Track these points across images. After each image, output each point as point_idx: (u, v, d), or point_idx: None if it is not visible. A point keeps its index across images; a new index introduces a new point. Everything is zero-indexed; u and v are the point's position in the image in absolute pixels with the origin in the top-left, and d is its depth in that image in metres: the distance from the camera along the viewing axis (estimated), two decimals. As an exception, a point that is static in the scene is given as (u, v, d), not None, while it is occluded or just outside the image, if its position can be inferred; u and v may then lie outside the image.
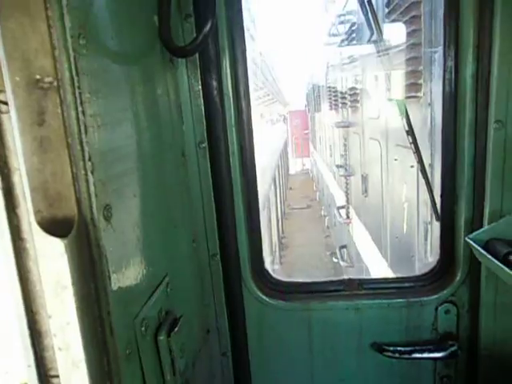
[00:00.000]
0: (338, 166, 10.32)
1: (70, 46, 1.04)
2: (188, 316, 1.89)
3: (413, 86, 3.71)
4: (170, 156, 1.93)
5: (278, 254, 14.14)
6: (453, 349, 2.19)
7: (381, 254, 5.84)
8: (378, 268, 5.95)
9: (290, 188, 28.05)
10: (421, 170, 2.48)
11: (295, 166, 37.36)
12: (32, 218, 1.03)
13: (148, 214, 1.55)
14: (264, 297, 2.33)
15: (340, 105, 9.39)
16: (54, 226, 1.05)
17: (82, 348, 1.08)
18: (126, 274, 1.31)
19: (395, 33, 4.23)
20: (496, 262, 1.68)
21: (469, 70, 1.91)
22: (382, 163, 5.40)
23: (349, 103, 8.03)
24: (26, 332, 1.11)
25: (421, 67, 3.36)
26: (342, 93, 8.86)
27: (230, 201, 2.16)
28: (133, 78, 1.53)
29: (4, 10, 0.95)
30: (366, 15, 2.54)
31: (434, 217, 3.22)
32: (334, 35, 9.39)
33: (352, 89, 7.46)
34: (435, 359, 2.25)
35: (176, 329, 1.55)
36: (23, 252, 1.08)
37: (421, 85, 3.42)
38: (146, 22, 1.65)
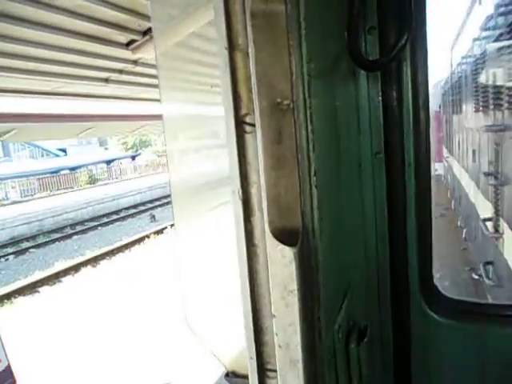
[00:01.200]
0: (487, 174, 9.31)
1: (305, 71, 1.13)
2: (368, 326, 1.90)
3: None
4: (346, 167, 1.95)
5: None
6: None
7: (548, 276, 5.09)
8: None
9: (420, 195, 26.27)
10: None
11: (425, 171, 34.84)
12: (266, 227, 1.14)
13: (335, 224, 1.59)
14: (432, 313, 2.21)
15: (492, 106, 8.45)
16: (284, 235, 1.14)
17: (300, 348, 1.16)
18: (329, 282, 1.37)
19: None
20: None
21: None
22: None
23: (506, 104, 7.17)
24: (251, 327, 1.22)
25: None
26: (495, 92, 7.96)
27: (402, 212, 2.11)
28: (327, 92, 1.58)
29: (257, 42, 1.06)
30: None
31: None
32: (489, 29, 8.49)
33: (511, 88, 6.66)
34: None
35: (366, 339, 1.56)
36: (254, 256, 1.20)
37: None
38: (337, 36, 1.69)
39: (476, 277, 10.61)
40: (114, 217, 32.47)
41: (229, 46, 1.10)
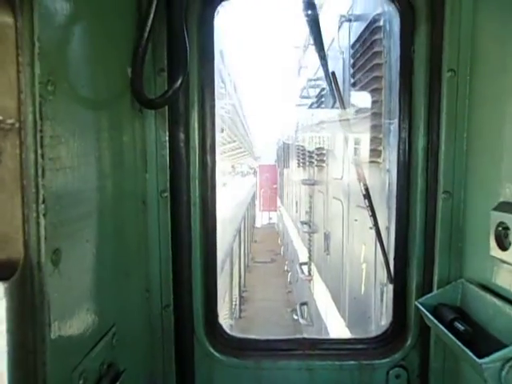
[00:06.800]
0: (303, 223, 10.47)
1: (37, 92, 1.07)
2: (133, 370, 1.82)
3: (375, 152, 3.92)
4: (130, 203, 1.94)
5: (237, 307, 13.83)
6: (404, 415, 2.18)
7: (339, 313, 5.83)
8: (336, 328, 5.91)
9: (256, 241, 28.01)
10: (376, 233, 2.58)
11: (262, 219, 37.60)
12: None
13: (100, 261, 1.53)
14: (216, 353, 2.27)
15: (307, 163, 9.71)
16: None
17: None
18: (69, 323, 1.26)
19: (360, 101, 4.53)
20: (441, 327, 1.73)
21: (420, 143, 2.07)
22: (344, 223, 5.56)
23: (315, 162, 8.32)
24: None
25: (381, 135, 3.59)
26: (309, 152, 9.20)
27: (187, 252, 2.16)
28: (100, 125, 1.56)
29: None
30: (329, 84, 2.75)
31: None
32: (305, 97, 9.91)
33: (319, 149, 7.78)
34: None
35: (117, 383, 1.48)
36: None
37: (381, 151, 3.63)
38: (119, 73, 1.72)
39: (296, 317, 11.51)
40: None
41: None
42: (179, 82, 1.75)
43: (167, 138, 2.08)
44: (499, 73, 1.70)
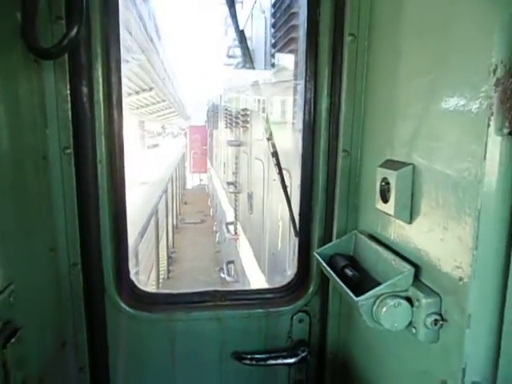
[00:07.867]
0: (229, 183, 10.61)
1: None
2: (38, 327, 1.80)
3: (294, 113, 4.04)
4: (30, 159, 1.85)
5: (165, 268, 13.89)
6: (303, 354, 2.40)
7: (260, 268, 6.11)
8: (257, 282, 6.21)
9: (186, 202, 27.86)
10: (283, 190, 2.72)
11: (193, 180, 37.32)
12: None
13: None
14: (128, 308, 2.30)
15: (234, 124, 9.72)
16: None
17: None
18: None
19: (282, 62, 4.59)
20: (333, 273, 1.90)
21: (324, 103, 2.18)
22: (264, 183, 5.74)
23: (241, 123, 8.36)
24: None
25: (296, 96, 3.71)
26: (235, 113, 9.20)
27: (94, 210, 2.13)
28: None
29: None
30: (239, 43, 2.76)
31: (300, 234, 3.53)
32: (232, 57, 9.78)
33: (244, 110, 7.81)
34: (289, 365, 2.44)
35: (13, 340, 1.47)
36: None
37: (296, 112, 3.75)
38: (5, 17, 1.58)
39: (223, 275, 11.83)
40: None
41: None
42: (75, 30, 1.65)
43: (68, 92, 1.97)
44: (393, 37, 1.81)
